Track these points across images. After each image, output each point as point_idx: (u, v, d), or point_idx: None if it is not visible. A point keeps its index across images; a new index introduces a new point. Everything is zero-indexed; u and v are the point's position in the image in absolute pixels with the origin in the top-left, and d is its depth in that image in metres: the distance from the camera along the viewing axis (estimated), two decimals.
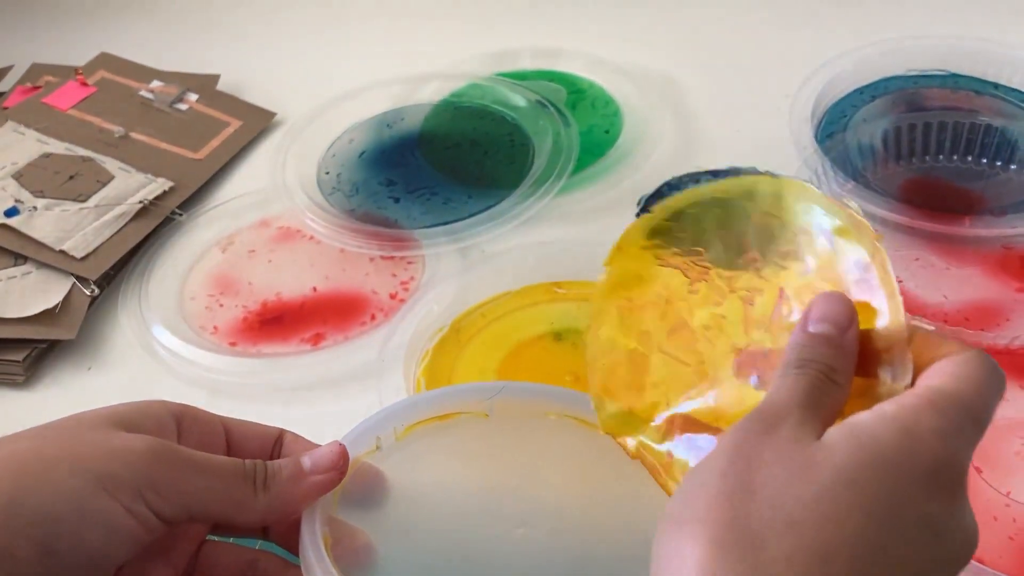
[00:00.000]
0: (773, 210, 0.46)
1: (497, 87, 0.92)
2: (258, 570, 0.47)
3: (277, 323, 0.75)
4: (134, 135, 0.90)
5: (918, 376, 0.39)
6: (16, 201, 0.80)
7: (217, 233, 0.83)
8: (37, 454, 0.41)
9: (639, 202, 0.82)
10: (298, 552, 0.43)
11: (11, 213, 0.79)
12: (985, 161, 0.80)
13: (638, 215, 0.81)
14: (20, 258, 0.78)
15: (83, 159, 0.85)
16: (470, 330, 0.71)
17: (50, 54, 1.03)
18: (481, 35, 1.02)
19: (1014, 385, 0.64)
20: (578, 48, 0.97)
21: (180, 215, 0.83)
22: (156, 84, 0.95)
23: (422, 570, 0.45)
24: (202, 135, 0.91)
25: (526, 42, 0.99)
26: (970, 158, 0.81)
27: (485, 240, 0.78)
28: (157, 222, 0.82)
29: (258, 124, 0.94)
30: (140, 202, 0.82)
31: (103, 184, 0.83)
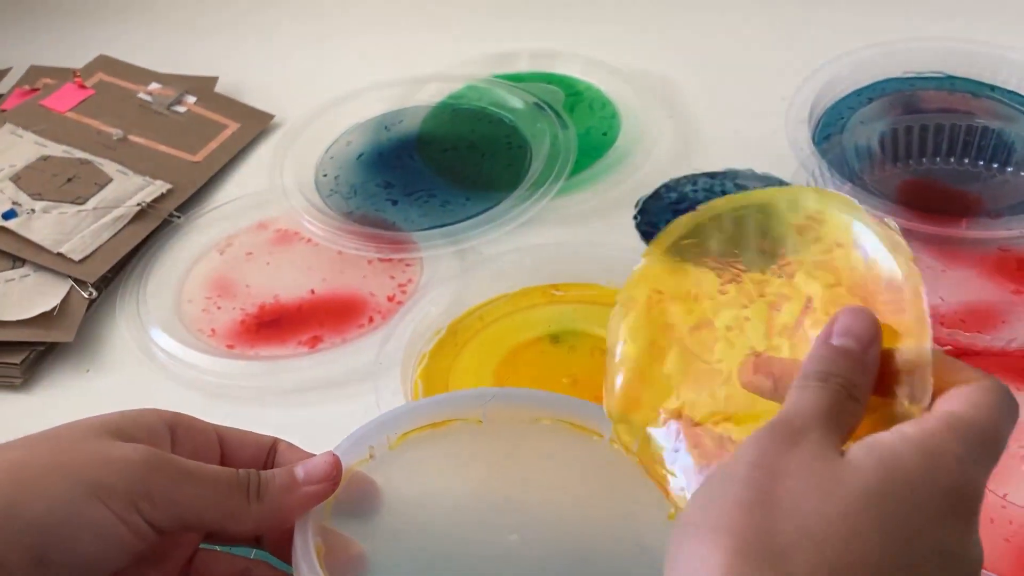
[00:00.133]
0: (813, 221, 0.47)
1: (495, 89, 0.92)
2: None
3: (275, 326, 0.75)
4: (132, 137, 0.90)
5: (935, 400, 0.39)
6: (14, 204, 0.80)
7: (215, 236, 0.83)
8: (29, 463, 0.41)
9: (637, 204, 0.83)
10: (291, 562, 0.43)
11: (9, 216, 0.79)
12: (982, 163, 0.80)
13: (636, 217, 0.81)
14: (18, 261, 0.78)
15: (81, 161, 0.85)
16: (467, 332, 0.71)
17: (48, 56, 1.03)
18: (479, 37, 1.02)
19: (1012, 387, 0.64)
20: (576, 50, 0.97)
21: (178, 217, 0.83)
22: (154, 86, 0.95)
23: None
24: (200, 137, 0.91)
25: (524, 44, 0.99)
26: (967, 160, 0.81)
27: (483, 242, 0.78)
28: (155, 225, 0.82)
29: (256, 126, 0.94)
30: (138, 204, 0.82)
31: (101, 186, 0.83)
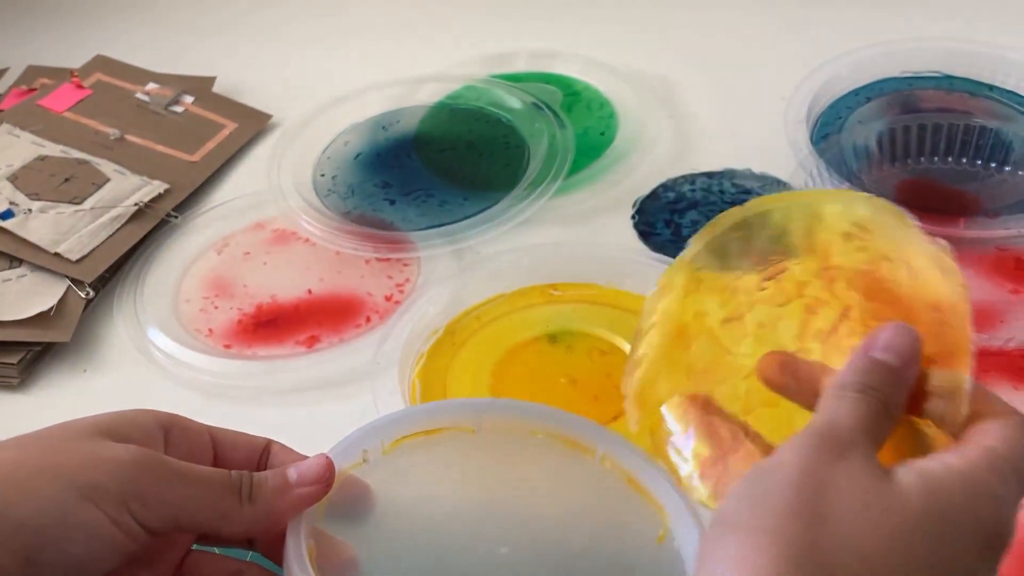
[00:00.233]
0: (861, 230, 0.46)
1: (493, 89, 0.92)
2: None
3: (272, 325, 0.75)
4: (130, 137, 0.90)
5: (967, 430, 0.40)
6: (11, 203, 0.80)
7: (212, 235, 0.83)
8: (20, 463, 0.41)
9: (635, 204, 0.83)
10: (283, 564, 0.43)
11: (6, 216, 0.79)
12: (979, 163, 0.80)
13: (633, 216, 0.81)
14: (15, 261, 0.78)
15: (79, 161, 0.85)
16: (465, 332, 0.71)
17: (46, 56, 1.03)
18: (477, 37, 1.02)
19: (1009, 387, 0.64)
20: (574, 50, 0.97)
21: (175, 217, 0.83)
22: (152, 86, 0.95)
23: None
24: (198, 137, 0.91)
25: (522, 44, 0.99)
26: (964, 160, 0.81)
27: (480, 242, 0.78)
28: (152, 224, 0.82)
29: (254, 126, 0.94)
30: (135, 204, 0.82)
31: (98, 186, 0.83)
